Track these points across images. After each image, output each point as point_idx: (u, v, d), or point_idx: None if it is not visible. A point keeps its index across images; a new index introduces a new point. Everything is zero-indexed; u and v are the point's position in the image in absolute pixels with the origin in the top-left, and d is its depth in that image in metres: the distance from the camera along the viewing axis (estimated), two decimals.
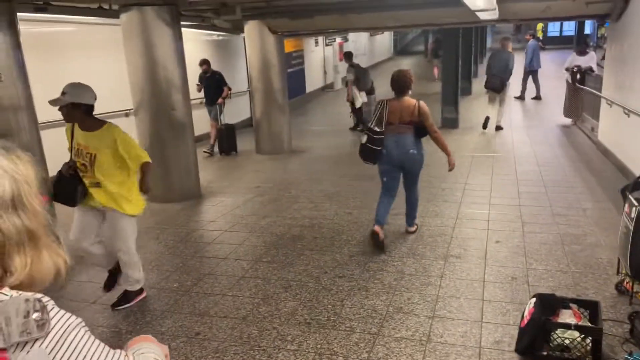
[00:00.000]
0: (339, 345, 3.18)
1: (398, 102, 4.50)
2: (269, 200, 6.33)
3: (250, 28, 8.65)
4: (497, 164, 7.44)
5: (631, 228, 3.32)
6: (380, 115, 4.48)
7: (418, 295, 3.78)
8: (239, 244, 4.93)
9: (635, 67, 6.16)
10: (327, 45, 17.37)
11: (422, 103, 4.50)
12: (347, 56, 11.10)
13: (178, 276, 4.27)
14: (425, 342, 3.19)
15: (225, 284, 4.08)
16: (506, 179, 6.70)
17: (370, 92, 10.64)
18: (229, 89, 9.07)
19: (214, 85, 8.80)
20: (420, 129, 4.54)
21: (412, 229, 4.97)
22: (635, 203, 3.32)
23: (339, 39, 17.86)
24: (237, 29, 10.39)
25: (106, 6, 6.72)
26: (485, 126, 9.71)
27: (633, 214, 3.31)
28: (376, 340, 3.22)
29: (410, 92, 4.56)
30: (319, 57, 17.06)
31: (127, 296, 3.79)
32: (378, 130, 4.46)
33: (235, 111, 10.91)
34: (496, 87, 9.46)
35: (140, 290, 3.86)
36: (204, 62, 8.71)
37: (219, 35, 11.03)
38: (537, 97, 13.28)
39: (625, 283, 3.58)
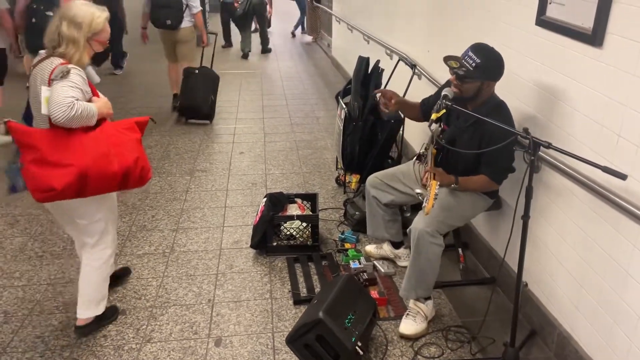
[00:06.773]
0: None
1: None
2: None
3: None
4: (245, 81, 7.67)
5: (342, 128, 3.83)
6: None
7: (162, 212, 3.81)
8: None
9: None
10: None
11: None
12: None
13: None
14: (169, 254, 3.28)
15: None
16: (252, 94, 6.99)
17: None
18: None
19: None
20: None
21: None
22: (344, 106, 3.82)
23: None
24: None
25: None
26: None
27: (342, 115, 3.81)
28: (117, 260, 3.18)
29: None
30: None
31: None
32: None
33: None
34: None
35: None
36: None
37: None
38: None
39: (340, 176, 4.18)
